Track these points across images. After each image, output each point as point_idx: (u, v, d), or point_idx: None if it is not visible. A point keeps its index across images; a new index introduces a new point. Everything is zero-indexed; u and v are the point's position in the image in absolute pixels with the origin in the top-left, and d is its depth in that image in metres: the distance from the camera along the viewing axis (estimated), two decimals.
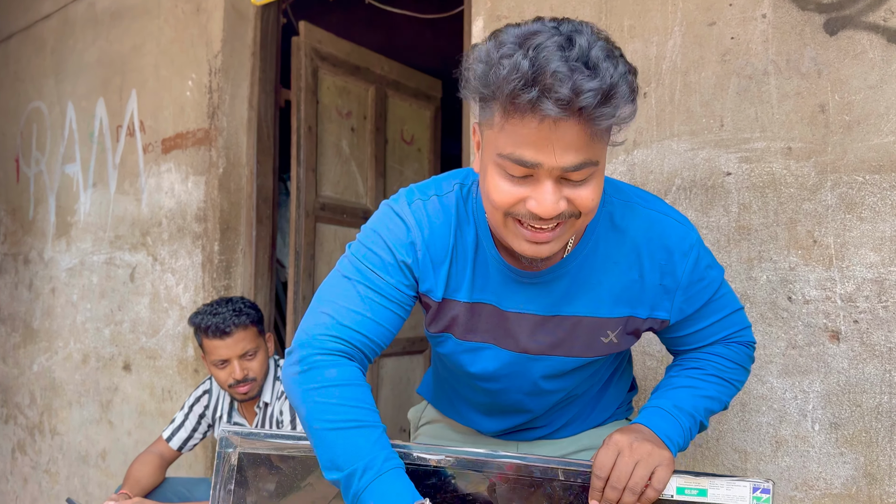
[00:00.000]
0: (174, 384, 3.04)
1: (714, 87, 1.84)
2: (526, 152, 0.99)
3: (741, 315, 1.34)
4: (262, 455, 1.27)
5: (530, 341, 1.27)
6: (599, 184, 1.05)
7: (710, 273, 1.26)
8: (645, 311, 1.25)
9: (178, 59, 3.13)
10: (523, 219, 1.05)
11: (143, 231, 3.22)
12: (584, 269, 1.22)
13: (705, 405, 1.27)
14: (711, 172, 1.83)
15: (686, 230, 1.24)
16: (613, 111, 0.96)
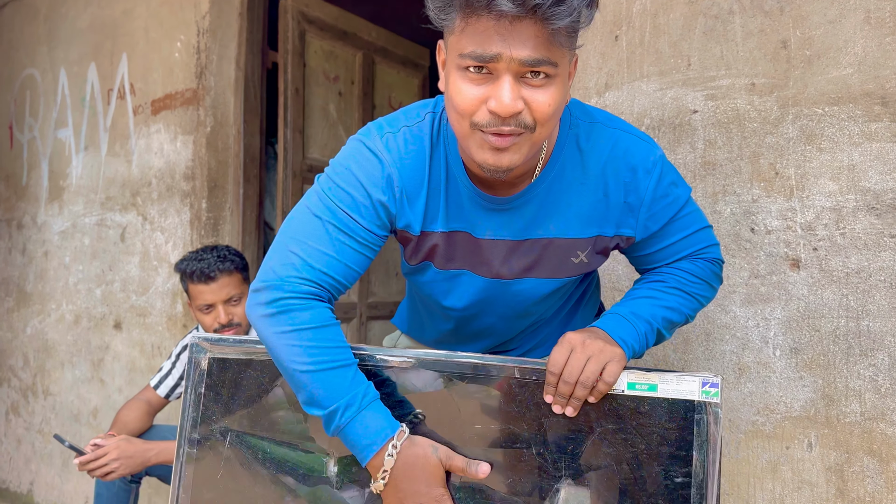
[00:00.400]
0: (164, 340, 3.10)
1: (682, 27, 1.88)
2: (485, 47, 1.01)
3: (708, 233, 1.37)
4: (231, 360, 1.32)
5: (503, 267, 1.31)
6: (557, 94, 1.06)
7: (674, 190, 1.29)
8: (611, 229, 1.29)
9: (167, 21, 3.18)
10: (485, 127, 1.06)
11: (134, 192, 3.27)
12: (553, 193, 1.26)
13: (664, 315, 1.30)
14: (679, 111, 1.88)
15: (649, 147, 1.26)
16: (568, 10, 0.98)
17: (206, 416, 1.31)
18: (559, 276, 1.33)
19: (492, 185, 1.24)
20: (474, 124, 1.07)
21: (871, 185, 1.63)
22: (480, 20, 1.01)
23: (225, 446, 1.30)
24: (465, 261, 1.32)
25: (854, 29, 1.65)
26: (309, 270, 1.17)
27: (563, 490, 1.18)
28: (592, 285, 1.59)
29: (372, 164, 1.21)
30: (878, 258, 1.61)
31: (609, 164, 1.25)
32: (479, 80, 1.05)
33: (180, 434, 1.32)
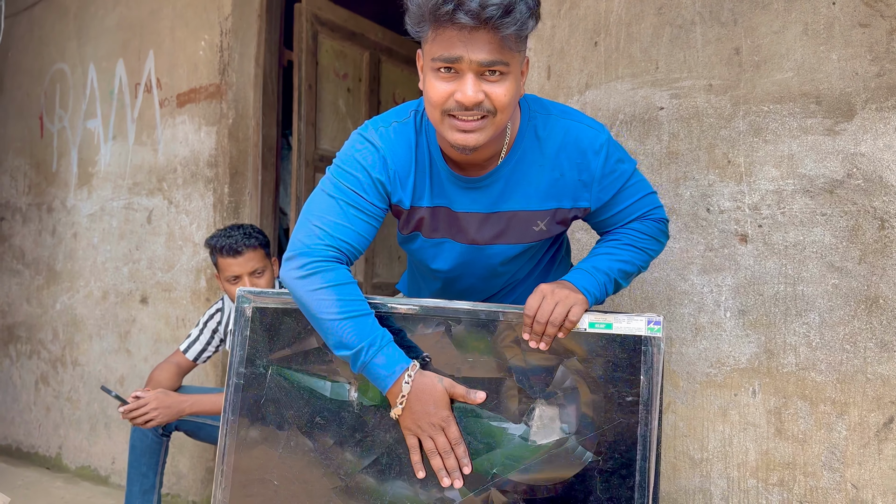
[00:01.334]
0: (188, 313, 3.39)
1: (652, 36, 2.18)
2: (451, 51, 1.29)
3: (652, 198, 1.66)
4: (271, 308, 1.61)
5: (478, 234, 1.62)
6: (511, 87, 1.34)
7: (620, 166, 1.58)
8: (569, 202, 1.58)
9: (192, 21, 3.47)
10: (454, 112, 1.35)
11: (160, 178, 3.56)
12: (516, 173, 1.55)
13: (619, 267, 1.59)
14: (648, 108, 2.17)
15: (596, 133, 1.55)
16: (514, 21, 1.26)
17: (251, 354, 1.60)
18: (523, 241, 1.63)
19: (465, 167, 1.53)
20: (444, 111, 1.36)
21: (806, 172, 1.92)
22: (447, 31, 1.29)
23: (267, 378, 1.60)
24: (447, 230, 1.63)
25: (794, 39, 1.95)
26: (330, 238, 1.47)
27: (537, 409, 1.48)
28: (562, 251, 1.87)
29: (370, 151, 1.52)
30: (811, 233, 1.91)
31: (563, 149, 1.54)
32: (448, 78, 1.33)
33: (230, 368, 1.62)
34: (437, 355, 1.52)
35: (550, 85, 2.38)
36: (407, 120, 1.56)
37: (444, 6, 1.25)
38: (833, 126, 1.89)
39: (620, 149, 1.60)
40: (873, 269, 1.82)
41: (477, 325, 1.52)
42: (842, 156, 1.88)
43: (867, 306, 1.83)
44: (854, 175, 1.86)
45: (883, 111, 1.82)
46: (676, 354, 2.10)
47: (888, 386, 1.79)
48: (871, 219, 1.83)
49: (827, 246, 1.89)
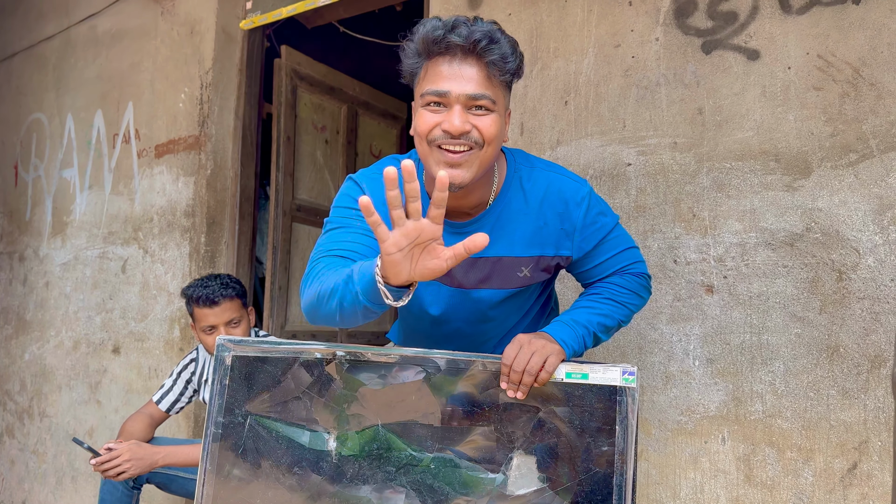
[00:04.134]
0: (160, 363, 3.37)
1: (619, 96, 2.29)
2: (440, 84, 1.37)
3: (634, 252, 1.72)
4: (250, 357, 1.64)
5: (464, 278, 1.67)
6: (498, 122, 1.41)
7: (601, 219, 1.65)
8: (552, 251, 1.64)
9: (172, 74, 3.53)
10: (441, 142, 1.38)
11: (136, 227, 3.57)
12: (501, 221, 1.62)
13: (599, 320, 1.65)
14: (616, 164, 2.27)
15: (578, 185, 1.63)
16: (499, 49, 1.36)
17: (229, 403, 1.62)
18: (508, 286, 1.68)
19: (452, 214, 1.59)
20: (431, 140, 1.40)
21: (768, 226, 2.02)
22: (437, 63, 1.38)
23: (245, 427, 1.61)
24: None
25: (753, 100, 2.07)
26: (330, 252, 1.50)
27: (515, 458, 1.51)
28: (551, 303, 1.93)
29: (356, 189, 1.61)
30: (774, 284, 1.99)
31: (546, 200, 1.61)
32: (437, 111, 1.40)
33: (208, 417, 1.63)
34: (416, 403, 1.55)
35: (524, 141, 2.46)
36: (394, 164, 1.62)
37: (437, 31, 1.36)
38: (791, 182, 1.99)
39: (602, 203, 1.67)
40: (833, 318, 1.90)
41: (455, 373, 1.56)
42: (800, 211, 1.97)
43: (829, 355, 1.90)
44: (812, 229, 1.95)
45: (837, 169, 1.93)
46: (648, 402, 2.15)
47: (850, 432, 1.86)
48: (830, 271, 1.92)
49: (789, 297, 1.97)
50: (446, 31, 1.35)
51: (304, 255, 3.64)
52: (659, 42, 2.24)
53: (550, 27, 2.45)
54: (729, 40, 2.12)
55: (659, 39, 2.24)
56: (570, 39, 2.40)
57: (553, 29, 2.44)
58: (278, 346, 1.63)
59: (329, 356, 1.59)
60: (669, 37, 2.22)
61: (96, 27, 3.94)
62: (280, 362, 1.61)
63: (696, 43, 2.17)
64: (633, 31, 2.28)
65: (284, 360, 1.61)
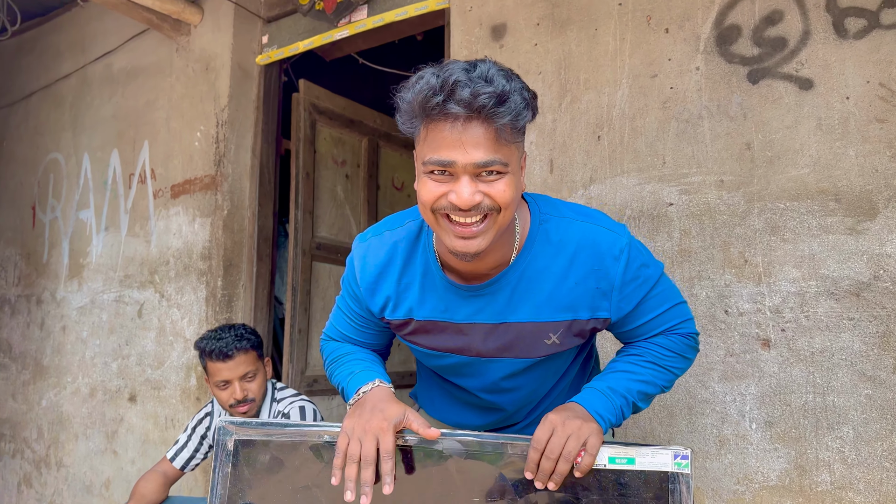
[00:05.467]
0: (177, 413, 3.23)
1: (657, 130, 2.10)
2: (443, 153, 1.18)
3: (681, 308, 1.50)
4: (254, 440, 1.47)
5: (483, 346, 1.48)
6: (513, 184, 1.23)
7: (644, 272, 1.43)
8: (586, 313, 1.44)
9: (188, 112, 3.43)
10: (449, 213, 1.23)
11: (152, 270, 3.46)
12: (524, 280, 1.39)
13: (639, 388, 1.44)
14: (656, 203, 2.08)
15: (616, 236, 1.41)
16: (508, 111, 1.16)
17: (232, 493, 1.45)
18: (533, 355, 1.48)
19: (466, 276, 1.42)
20: (435, 209, 1.24)
21: (829, 273, 1.81)
22: (438, 126, 1.19)
23: None
24: (446, 341, 1.50)
25: (808, 134, 1.87)
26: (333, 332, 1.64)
27: None
28: (591, 363, 1.73)
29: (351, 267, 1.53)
30: (839, 339, 1.79)
31: (578, 254, 1.38)
32: (443, 180, 1.22)
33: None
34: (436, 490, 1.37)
35: (553, 178, 2.29)
36: (402, 228, 1.48)
37: (435, 97, 1.16)
38: (855, 225, 1.79)
39: (644, 252, 1.46)
40: None
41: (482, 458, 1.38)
42: (867, 256, 1.77)
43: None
44: (881, 277, 1.75)
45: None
46: (700, 469, 1.95)
47: None
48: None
49: (857, 353, 1.76)
50: (445, 95, 1.16)
51: (326, 295, 3.49)
52: (700, 71, 2.05)
53: (580, 57, 2.28)
54: (778, 68, 1.94)
55: (700, 69, 2.05)
56: (602, 70, 2.23)
57: (583, 59, 2.27)
58: (284, 428, 1.46)
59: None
60: (711, 66, 2.04)
61: (112, 65, 3.86)
62: (285, 446, 1.44)
63: (742, 72, 1.99)
64: (671, 61, 2.10)
65: (292, 443, 1.45)
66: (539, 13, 2.38)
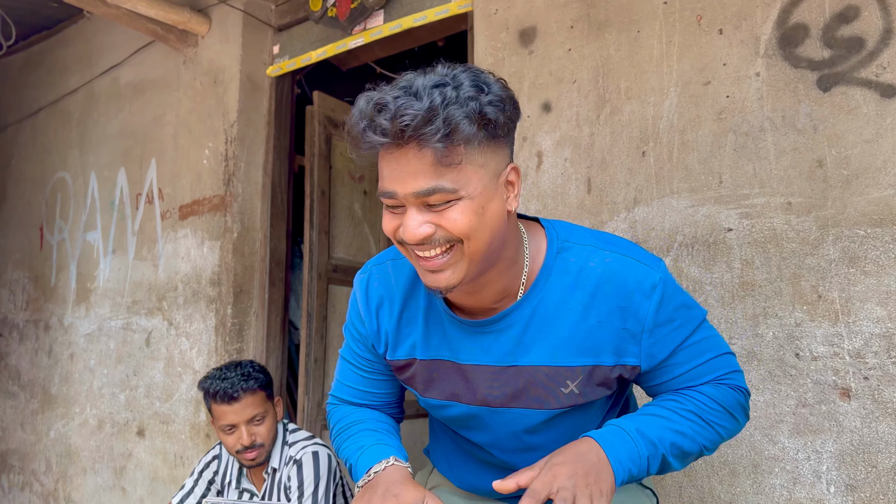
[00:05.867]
0: (186, 450, 3.03)
1: (711, 144, 1.85)
2: (386, 184, 1.06)
3: (728, 359, 1.26)
4: None
5: (488, 393, 1.25)
6: (469, 211, 1.06)
7: (681, 313, 1.20)
8: (611, 359, 1.20)
9: (195, 128, 3.23)
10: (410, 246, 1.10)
11: (160, 296, 3.26)
12: (537, 317, 1.19)
13: (673, 439, 1.18)
14: (713, 229, 1.83)
15: (647, 270, 1.18)
16: (437, 131, 0.99)
17: None
18: (548, 406, 1.24)
19: (473, 311, 1.23)
20: (400, 242, 1.12)
21: None
22: (381, 155, 1.07)
23: None
24: (450, 388, 1.29)
25: (892, 149, 1.61)
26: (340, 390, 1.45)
27: None
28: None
29: (354, 303, 1.37)
30: None
31: (601, 288, 1.17)
32: (396, 212, 1.10)
33: None
34: None
35: (591, 200, 2.05)
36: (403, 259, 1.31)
37: (357, 126, 1.04)
38: None
39: (682, 293, 1.23)
40: None
41: None
42: None
43: None
44: None
45: None
46: None
47: None
48: None
49: None
50: (366, 123, 1.03)
51: (343, 320, 3.26)
52: (760, 78, 1.80)
53: (620, 63, 2.03)
54: (854, 73, 1.67)
55: (760, 74, 1.80)
56: (646, 77, 1.98)
57: (624, 65, 2.02)
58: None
59: None
60: (774, 71, 1.78)
61: (119, 79, 3.69)
62: None
63: (810, 78, 1.73)
64: (727, 66, 1.85)
65: None
66: (573, 15, 2.14)
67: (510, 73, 2.24)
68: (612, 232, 1.99)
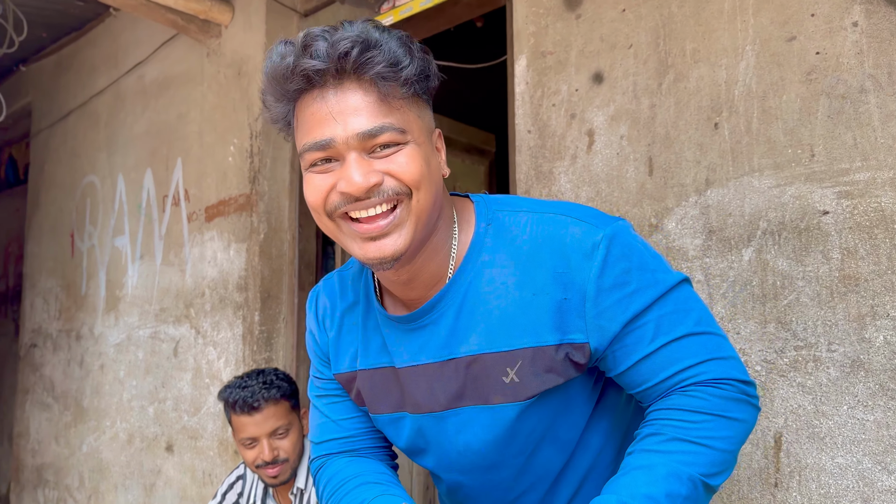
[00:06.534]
0: (214, 467, 2.84)
1: (799, 111, 1.55)
2: (317, 132, 0.92)
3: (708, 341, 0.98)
4: None
5: (429, 397, 1.06)
6: (419, 156, 0.94)
7: (636, 276, 0.95)
8: (553, 336, 0.97)
9: (220, 124, 3.05)
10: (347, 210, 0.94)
11: (187, 303, 3.08)
12: (469, 299, 1.02)
13: (668, 489, 0.91)
14: (804, 212, 1.52)
15: (588, 227, 0.97)
16: (384, 56, 0.90)
17: None
18: (491, 401, 1.02)
19: (408, 304, 1.08)
20: (330, 212, 0.95)
21: None
22: (305, 102, 0.94)
23: None
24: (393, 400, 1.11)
25: None
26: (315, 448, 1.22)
27: None
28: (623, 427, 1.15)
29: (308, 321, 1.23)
30: None
31: (535, 255, 0.99)
32: (327, 169, 0.94)
33: None
34: None
35: (654, 183, 1.76)
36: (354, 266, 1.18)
37: (285, 61, 0.92)
38: None
39: (642, 253, 0.98)
40: None
41: None
42: None
43: None
44: None
45: None
46: None
47: None
48: None
49: None
50: (296, 55, 0.91)
51: None
52: (859, 28, 1.48)
53: (684, 21, 1.74)
54: None
55: (858, 24, 1.49)
56: (716, 36, 1.68)
57: (688, 24, 1.73)
58: None
59: None
60: (876, 19, 1.47)
61: (144, 76, 3.53)
62: None
63: None
64: (815, 16, 1.54)
65: None
66: None
67: (554, 41, 1.97)
68: (680, 220, 1.70)
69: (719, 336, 0.99)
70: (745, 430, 0.98)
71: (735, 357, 0.99)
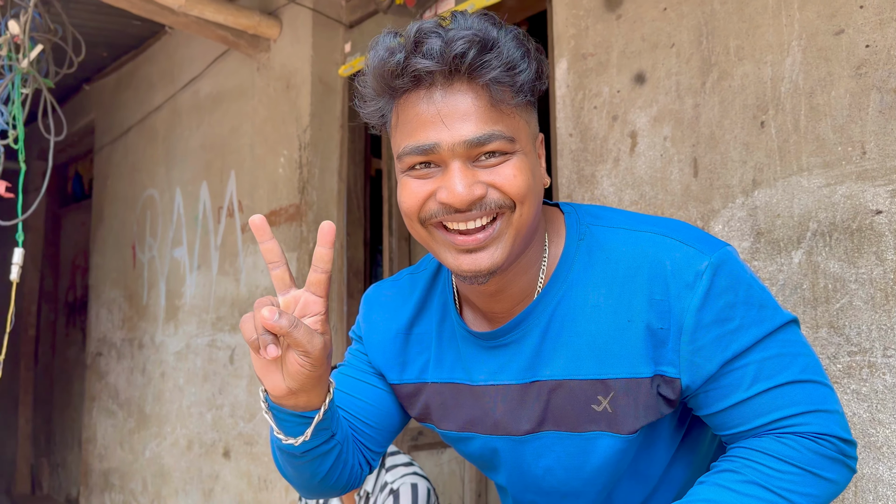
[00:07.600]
0: (270, 472, 2.89)
1: (849, 107, 1.49)
2: (419, 136, 0.86)
3: (814, 390, 0.89)
4: None
5: (510, 419, 1.00)
6: (526, 168, 0.88)
7: (740, 312, 0.87)
8: (648, 368, 0.90)
9: (270, 136, 3.11)
10: (443, 220, 0.88)
11: (242, 311, 3.16)
12: (557, 320, 0.95)
13: None
14: (856, 212, 1.46)
15: (693, 253, 0.89)
16: (501, 58, 0.84)
17: None
18: (579, 429, 0.96)
19: (492, 319, 1.01)
20: (424, 219, 0.90)
21: None
22: (409, 101, 0.88)
23: None
24: (468, 418, 1.05)
25: None
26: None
27: None
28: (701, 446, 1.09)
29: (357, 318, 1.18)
30: None
31: (633, 278, 0.91)
32: (427, 175, 0.89)
33: None
34: None
35: (699, 184, 1.72)
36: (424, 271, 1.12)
37: (394, 57, 0.86)
38: None
39: (749, 286, 0.90)
40: None
41: None
42: None
43: None
44: None
45: None
46: None
47: None
48: None
49: None
50: (408, 50, 0.85)
51: None
52: None
53: (727, 18, 1.70)
54: None
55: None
56: (761, 32, 1.63)
57: (732, 20, 1.69)
58: None
59: None
60: None
61: (199, 92, 3.64)
62: None
63: None
64: (864, 8, 1.48)
65: None
66: None
67: (595, 42, 1.95)
68: (727, 222, 1.65)
69: (826, 387, 0.91)
70: (834, 492, 0.90)
71: (840, 412, 0.91)
